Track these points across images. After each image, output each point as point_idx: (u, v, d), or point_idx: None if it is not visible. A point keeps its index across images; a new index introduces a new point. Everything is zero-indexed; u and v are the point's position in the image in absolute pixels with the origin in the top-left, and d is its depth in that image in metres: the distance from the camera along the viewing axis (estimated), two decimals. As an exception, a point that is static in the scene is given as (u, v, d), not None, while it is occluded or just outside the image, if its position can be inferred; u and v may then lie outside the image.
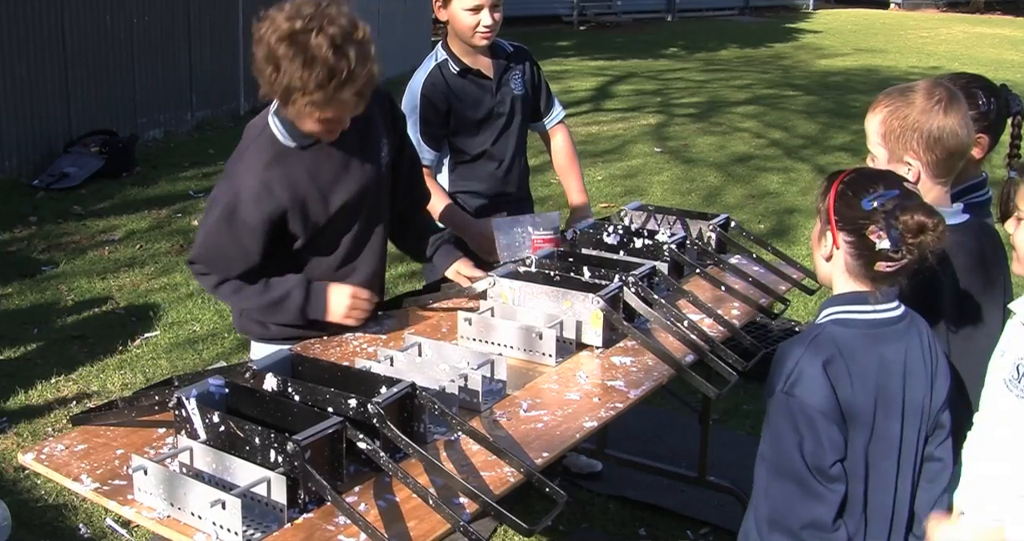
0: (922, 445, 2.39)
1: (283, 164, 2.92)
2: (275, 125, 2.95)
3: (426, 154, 3.77)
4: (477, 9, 3.72)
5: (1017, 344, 2.30)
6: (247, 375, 2.49)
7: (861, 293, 2.31)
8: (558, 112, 4.21)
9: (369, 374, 2.51)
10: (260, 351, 3.14)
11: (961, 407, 2.50)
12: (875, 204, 2.22)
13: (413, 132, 3.74)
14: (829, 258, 2.33)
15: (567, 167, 4.27)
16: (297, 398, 2.40)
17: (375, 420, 2.25)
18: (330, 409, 2.32)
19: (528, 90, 4.02)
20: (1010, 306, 2.33)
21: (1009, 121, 2.96)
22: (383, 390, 2.38)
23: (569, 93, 14.04)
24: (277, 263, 3.00)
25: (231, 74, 10.98)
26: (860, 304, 2.30)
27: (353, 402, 2.29)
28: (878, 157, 2.64)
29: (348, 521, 2.08)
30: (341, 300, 2.98)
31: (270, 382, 2.45)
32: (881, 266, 2.25)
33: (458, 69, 3.84)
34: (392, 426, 2.25)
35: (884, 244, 2.22)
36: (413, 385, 2.37)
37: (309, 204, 2.95)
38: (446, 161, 3.92)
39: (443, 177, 3.93)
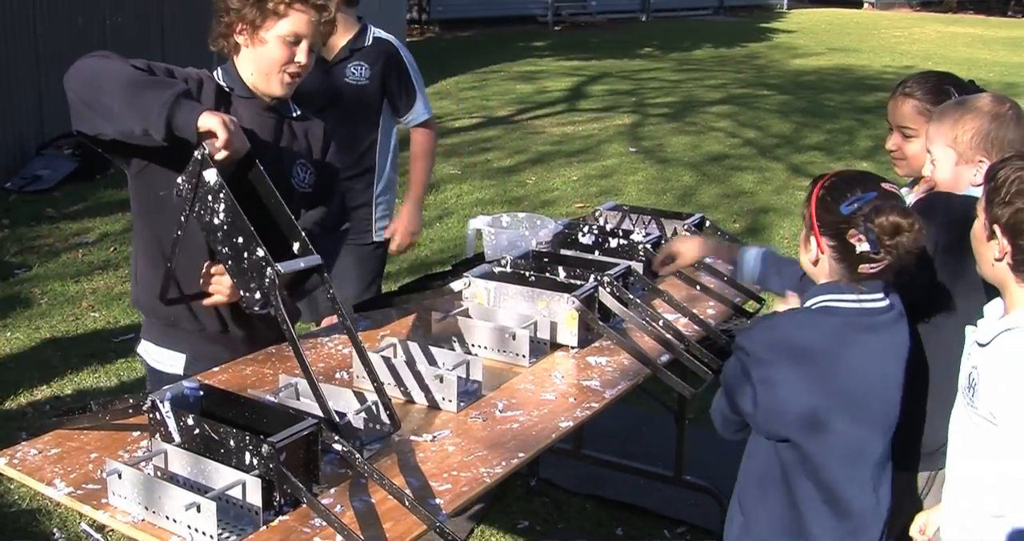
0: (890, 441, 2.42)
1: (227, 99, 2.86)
2: (219, 75, 2.89)
3: None
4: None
5: (972, 355, 2.34)
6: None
7: (848, 284, 2.33)
8: (414, 115, 4.33)
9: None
10: (151, 352, 3.00)
11: (922, 398, 2.54)
12: (853, 208, 2.26)
13: None
14: (816, 262, 2.37)
15: (411, 174, 4.49)
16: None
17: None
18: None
19: (373, 83, 4.17)
20: (985, 307, 2.37)
21: None
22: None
23: (543, 93, 14.06)
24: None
25: (205, 75, 10.90)
26: (854, 293, 2.32)
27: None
28: (940, 160, 2.69)
29: (324, 523, 2.07)
30: (213, 116, 2.47)
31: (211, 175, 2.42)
32: (864, 268, 2.29)
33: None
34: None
35: (864, 247, 2.26)
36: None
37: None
38: None
39: None
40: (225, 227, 2.40)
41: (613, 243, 3.54)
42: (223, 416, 2.33)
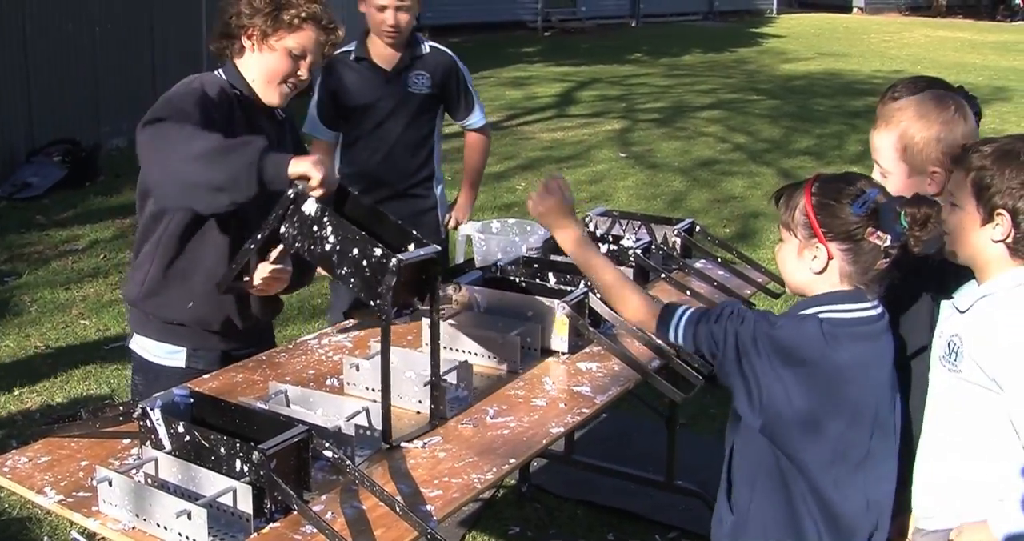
0: (892, 443, 2.42)
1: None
2: (220, 74, 2.97)
3: (321, 133, 4.27)
4: (382, 8, 4.01)
5: (950, 324, 2.40)
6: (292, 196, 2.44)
7: (850, 291, 2.31)
8: (473, 120, 4.47)
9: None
10: (149, 347, 3.03)
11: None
12: (866, 208, 2.24)
13: (313, 109, 4.26)
14: (822, 271, 2.31)
15: (466, 169, 4.72)
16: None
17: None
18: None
19: (435, 91, 4.27)
20: (957, 291, 2.43)
21: None
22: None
23: (533, 99, 14.07)
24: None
25: (195, 82, 10.88)
26: (851, 302, 2.31)
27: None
28: (893, 172, 2.65)
29: (315, 530, 2.07)
30: (302, 161, 2.51)
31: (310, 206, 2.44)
32: (882, 264, 2.28)
33: (354, 56, 4.17)
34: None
35: (887, 242, 2.24)
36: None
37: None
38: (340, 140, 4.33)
39: (337, 155, 4.29)
40: (339, 247, 2.39)
41: (603, 249, 3.54)
42: (213, 423, 2.33)
